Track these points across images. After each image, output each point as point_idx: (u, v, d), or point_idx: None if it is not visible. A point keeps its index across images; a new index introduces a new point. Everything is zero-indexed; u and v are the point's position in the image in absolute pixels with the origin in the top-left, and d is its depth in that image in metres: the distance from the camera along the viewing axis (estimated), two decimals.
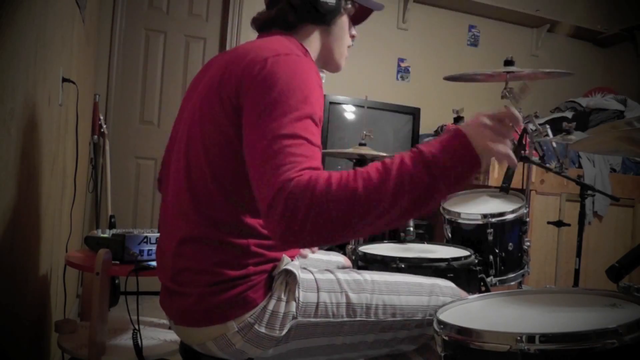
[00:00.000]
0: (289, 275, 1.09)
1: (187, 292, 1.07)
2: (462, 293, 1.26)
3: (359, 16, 1.30)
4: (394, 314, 1.15)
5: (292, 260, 1.12)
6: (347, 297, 1.12)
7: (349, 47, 1.29)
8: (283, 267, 1.08)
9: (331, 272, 1.17)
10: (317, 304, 1.09)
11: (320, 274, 1.15)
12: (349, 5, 1.24)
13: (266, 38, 1.13)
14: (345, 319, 1.11)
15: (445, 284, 1.24)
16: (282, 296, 1.07)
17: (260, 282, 1.06)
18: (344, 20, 1.25)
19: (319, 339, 1.11)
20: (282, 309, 1.06)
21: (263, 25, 1.22)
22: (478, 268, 1.69)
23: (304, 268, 1.15)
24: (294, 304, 1.07)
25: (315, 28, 1.22)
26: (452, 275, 1.54)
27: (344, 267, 1.52)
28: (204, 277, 1.05)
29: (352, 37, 1.30)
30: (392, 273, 1.25)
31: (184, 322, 1.10)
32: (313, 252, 1.47)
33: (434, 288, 1.21)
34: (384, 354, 1.21)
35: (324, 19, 1.19)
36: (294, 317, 1.07)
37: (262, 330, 1.05)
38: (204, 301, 1.05)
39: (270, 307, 1.06)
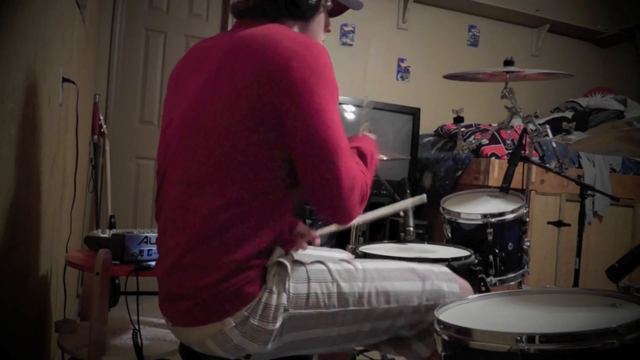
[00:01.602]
0: (281, 266, 1.09)
1: (188, 293, 1.07)
2: (458, 278, 1.26)
3: (335, 10, 1.32)
4: (388, 301, 1.15)
5: (285, 253, 1.12)
6: (339, 286, 1.12)
7: (323, 41, 1.28)
8: (275, 259, 1.08)
9: (322, 263, 1.16)
10: (308, 294, 1.09)
11: (311, 265, 1.15)
12: (329, 3, 1.25)
13: (266, 26, 1.11)
14: (338, 309, 1.11)
15: (439, 270, 1.24)
16: (274, 288, 1.07)
17: (256, 276, 1.06)
18: (321, 16, 1.25)
19: (314, 331, 1.11)
20: (273, 301, 1.06)
21: (243, 12, 1.19)
22: (478, 268, 1.69)
23: (296, 260, 1.14)
24: (284, 295, 1.07)
25: (294, 23, 1.21)
26: None
27: None
28: (210, 276, 1.04)
29: (328, 31, 1.30)
30: (385, 260, 1.25)
31: (184, 323, 1.09)
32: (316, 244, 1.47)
33: (427, 273, 1.21)
34: (384, 340, 1.22)
35: (303, 15, 1.20)
36: (286, 309, 1.07)
37: (256, 323, 1.05)
38: (206, 301, 1.05)
39: (263, 299, 1.06)
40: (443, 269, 1.26)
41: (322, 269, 1.14)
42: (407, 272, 1.20)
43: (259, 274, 1.07)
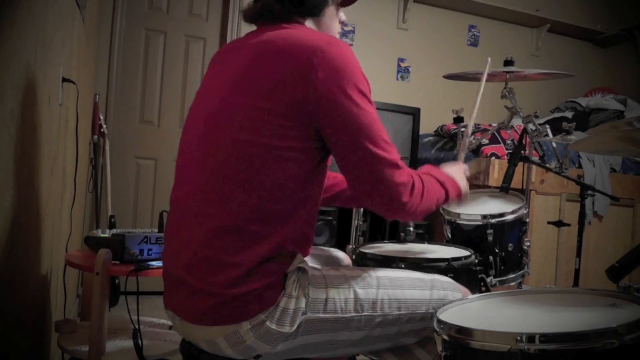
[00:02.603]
0: (301, 272, 1.10)
1: (209, 289, 1.05)
2: (462, 287, 1.28)
3: (347, 0, 1.32)
4: (399, 308, 1.16)
5: (303, 259, 1.12)
6: (355, 292, 1.13)
7: (338, 33, 1.29)
8: (296, 265, 1.09)
9: (336, 269, 1.18)
10: (326, 299, 1.10)
11: (327, 270, 1.16)
12: None
13: (292, 28, 1.13)
14: (353, 314, 1.12)
15: (444, 279, 1.27)
16: (293, 293, 1.07)
17: (276, 281, 1.06)
18: (331, 9, 1.25)
19: (327, 334, 1.12)
20: (292, 305, 1.07)
21: (254, 17, 1.21)
22: (478, 268, 1.69)
23: (312, 266, 1.16)
24: (303, 300, 1.08)
25: (304, 20, 1.21)
26: (452, 275, 1.53)
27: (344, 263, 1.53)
28: (230, 271, 1.03)
29: (342, 22, 1.30)
30: (392, 269, 1.27)
31: (199, 321, 1.08)
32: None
33: (434, 282, 1.23)
34: (387, 347, 1.22)
35: (312, 11, 1.20)
36: (304, 313, 1.08)
37: (273, 326, 1.05)
38: (227, 302, 1.04)
39: (282, 304, 1.06)
40: (446, 278, 1.28)
41: (339, 275, 1.15)
42: (416, 281, 1.22)
43: (280, 280, 1.07)
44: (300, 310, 1.07)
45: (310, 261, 1.19)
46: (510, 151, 2.97)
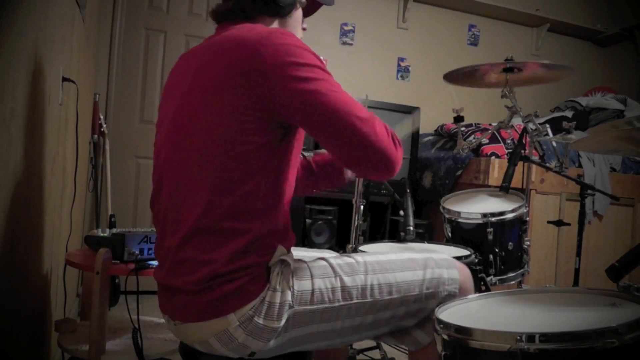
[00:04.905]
0: (284, 265, 1.10)
1: (186, 287, 1.07)
2: (458, 263, 1.26)
3: (308, 10, 1.34)
4: (390, 292, 1.16)
5: (287, 252, 1.13)
6: (342, 280, 1.13)
7: (301, 38, 1.30)
8: (278, 257, 1.09)
9: (323, 258, 1.18)
10: (312, 291, 1.10)
11: (312, 261, 1.16)
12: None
13: (240, 25, 1.14)
14: (342, 303, 1.12)
15: (438, 256, 1.25)
16: (278, 286, 1.08)
17: (259, 274, 1.07)
18: (298, 13, 1.28)
19: (319, 325, 1.12)
20: (278, 299, 1.07)
21: (222, 16, 1.22)
22: (478, 267, 1.69)
23: (297, 258, 1.16)
24: (289, 293, 1.08)
25: (272, 20, 1.23)
26: None
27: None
28: (207, 268, 1.04)
29: (303, 29, 1.32)
30: (384, 252, 1.26)
31: (184, 317, 1.09)
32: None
33: (427, 261, 1.22)
34: (385, 332, 1.22)
35: (281, 11, 1.22)
36: (291, 306, 1.08)
37: (261, 321, 1.06)
38: (204, 294, 1.05)
39: (267, 298, 1.07)
40: (442, 255, 1.27)
41: (324, 265, 1.15)
42: (407, 262, 1.21)
43: (262, 273, 1.08)
44: (286, 304, 1.07)
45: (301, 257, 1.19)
46: (510, 150, 2.97)
